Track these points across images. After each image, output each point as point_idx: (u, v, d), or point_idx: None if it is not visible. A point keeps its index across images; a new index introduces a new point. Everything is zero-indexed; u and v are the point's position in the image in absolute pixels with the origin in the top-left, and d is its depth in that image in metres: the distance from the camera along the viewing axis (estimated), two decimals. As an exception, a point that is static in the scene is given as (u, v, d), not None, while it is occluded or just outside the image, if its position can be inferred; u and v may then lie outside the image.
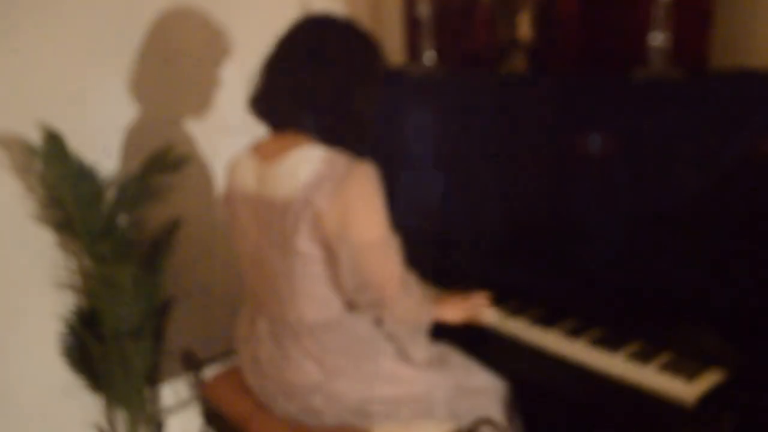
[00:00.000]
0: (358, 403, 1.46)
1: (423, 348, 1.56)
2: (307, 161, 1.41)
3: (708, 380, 1.38)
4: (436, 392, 1.53)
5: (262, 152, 1.50)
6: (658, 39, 1.55)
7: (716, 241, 1.46)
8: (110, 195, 1.91)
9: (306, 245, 1.40)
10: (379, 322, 1.53)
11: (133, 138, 2.03)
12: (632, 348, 1.51)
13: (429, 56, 2.07)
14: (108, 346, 1.87)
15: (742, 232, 1.42)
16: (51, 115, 1.84)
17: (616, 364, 1.46)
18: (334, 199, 1.36)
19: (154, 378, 2.02)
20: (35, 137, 1.80)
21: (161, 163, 1.94)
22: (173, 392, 2.23)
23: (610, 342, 1.54)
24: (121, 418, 2.03)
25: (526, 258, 1.82)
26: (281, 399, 1.51)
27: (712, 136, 1.45)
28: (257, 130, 1.56)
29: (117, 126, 2.00)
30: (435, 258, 1.93)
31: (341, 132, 1.49)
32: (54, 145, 1.80)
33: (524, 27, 1.79)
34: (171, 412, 2.20)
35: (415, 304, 1.51)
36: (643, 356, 1.47)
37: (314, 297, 1.46)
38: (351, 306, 1.51)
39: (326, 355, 1.47)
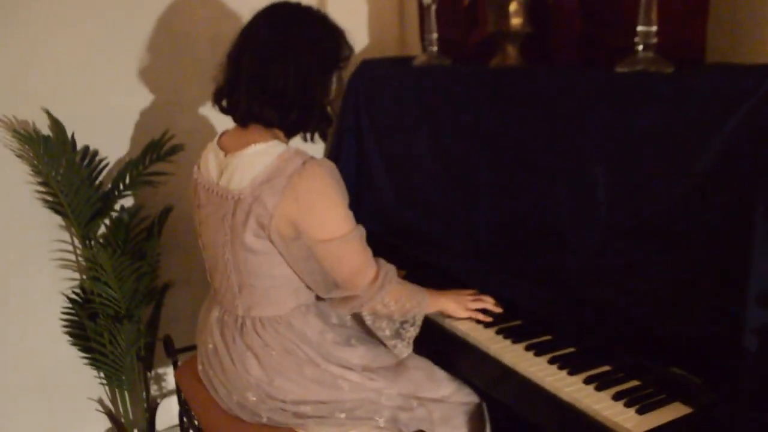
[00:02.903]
0: (293, 404, 1.44)
1: (409, 345, 1.51)
2: (264, 156, 1.39)
3: (664, 416, 1.24)
4: (381, 400, 1.48)
5: (225, 144, 1.49)
6: (645, 32, 1.40)
7: (697, 265, 1.31)
8: (107, 181, 1.98)
9: (253, 241, 1.39)
10: (358, 317, 1.52)
11: (138, 124, 2.09)
12: (595, 372, 1.38)
13: (432, 47, 1.99)
14: (99, 327, 1.94)
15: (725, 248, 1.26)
16: (54, 102, 1.93)
17: (567, 387, 1.34)
18: (282, 197, 1.34)
19: (148, 361, 2.08)
20: (40, 123, 1.90)
21: (158, 151, 1.98)
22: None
23: (573, 363, 1.41)
24: (119, 395, 2.11)
25: (509, 264, 1.71)
26: (222, 391, 1.51)
27: (692, 134, 1.29)
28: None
29: (121, 112, 2.06)
30: (417, 255, 1.87)
31: (306, 124, 1.47)
32: (55, 131, 1.88)
33: (515, 17, 1.66)
34: (166, 395, 2.26)
35: (393, 299, 1.46)
36: (602, 382, 1.34)
37: (262, 294, 1.45)
38: (306, 309, 1.50)
39: (268, 353, 1.45)
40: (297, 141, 1.53)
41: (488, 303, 1.61)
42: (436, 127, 1.89)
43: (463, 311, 1.58)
